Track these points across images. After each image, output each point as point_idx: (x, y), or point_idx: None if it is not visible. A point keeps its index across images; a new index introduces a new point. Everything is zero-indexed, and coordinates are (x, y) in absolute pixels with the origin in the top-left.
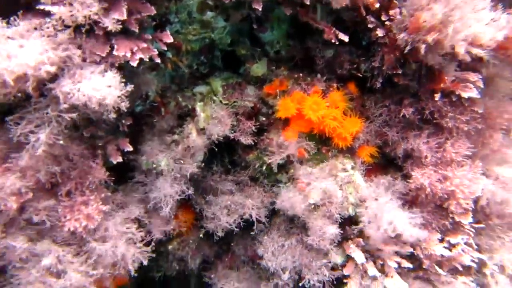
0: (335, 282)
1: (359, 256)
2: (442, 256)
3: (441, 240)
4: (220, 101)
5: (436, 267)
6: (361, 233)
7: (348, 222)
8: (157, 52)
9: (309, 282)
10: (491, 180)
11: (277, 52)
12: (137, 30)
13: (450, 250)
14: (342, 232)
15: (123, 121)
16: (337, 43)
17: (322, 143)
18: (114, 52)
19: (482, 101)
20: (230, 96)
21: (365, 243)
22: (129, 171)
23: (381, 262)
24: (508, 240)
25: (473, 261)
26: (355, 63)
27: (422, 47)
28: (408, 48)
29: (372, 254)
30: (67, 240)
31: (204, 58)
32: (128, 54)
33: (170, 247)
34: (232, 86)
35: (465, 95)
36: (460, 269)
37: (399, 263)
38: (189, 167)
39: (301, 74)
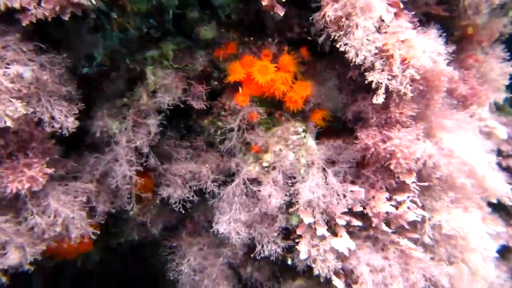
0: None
1: (307, 217)
2: (388, 213)
3: (389, 199)
4: (171, 65)
5: (383, 225)
6: None
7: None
8: (88, 4)
9: (261, 251)
10: (432, 143)
11: (228, 16)
12: None
13: (397, 208)
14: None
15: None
16: (281, 14)
17: (275, 107)
18: (42, 4)
19: None
20: (181, 60)
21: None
22: (83, 135)
23: (334, 222)
24: (447, 201)
25: (417, 217)
26: (305, 27)
27: None
28: None
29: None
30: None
31: (154, 21)
32: (57, 8)
33: (131, 213)
34: (183, 50)
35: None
36: (407, 226)
37: (349, 221)
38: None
39: (251, 38)
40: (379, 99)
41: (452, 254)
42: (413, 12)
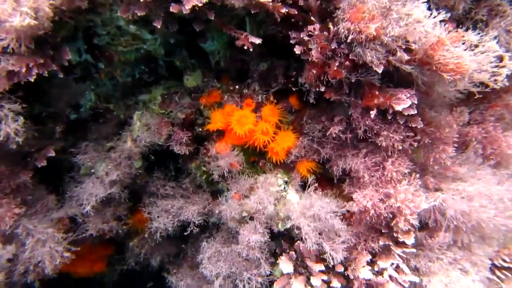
0: None
1: (286, 266)
2: (368, 280)
3: (372, 263)
4: (158, 110)
5: None
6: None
7: (285, 238)
8: (54, 68)
9: None
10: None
11: (217, 62)
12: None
13: (379, 275)
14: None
15: (57, 128)
16: (251, 49)
17: (259, 156)
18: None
19: (420, 116)
20: (168, 105)
21: (297, 256)
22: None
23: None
24: (446, 262)
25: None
26: (292, 77)
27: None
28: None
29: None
30: None
31: (145, 68)
32: (23, 70)
33: (131, 243)
34: (171, 95)
35: (398, 108)
36: None
37: (328, 282)
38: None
39: (237, 87)
40: None
41: None
42: None
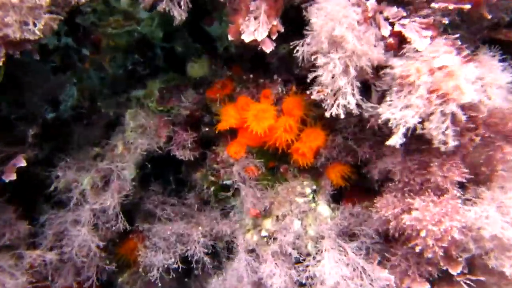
0: None
1: None
2: None
3: None
4: (155, 108)
5: None
6: None
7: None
8: (29, 48)
9: None
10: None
11: (226, 49)
12: None
13: None
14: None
15: (30, 131)
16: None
17: (280, 160)
18: None
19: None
20: (167, 101)
21: None
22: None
23: None
24: None
25: None
26: None
27: None
28: None
29: None
30: None
31: (139, 57)
32: None
33: (119, 279)
34: (170, 89)
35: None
36: None
37: None
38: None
39: (251, 76)
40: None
41: None
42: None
